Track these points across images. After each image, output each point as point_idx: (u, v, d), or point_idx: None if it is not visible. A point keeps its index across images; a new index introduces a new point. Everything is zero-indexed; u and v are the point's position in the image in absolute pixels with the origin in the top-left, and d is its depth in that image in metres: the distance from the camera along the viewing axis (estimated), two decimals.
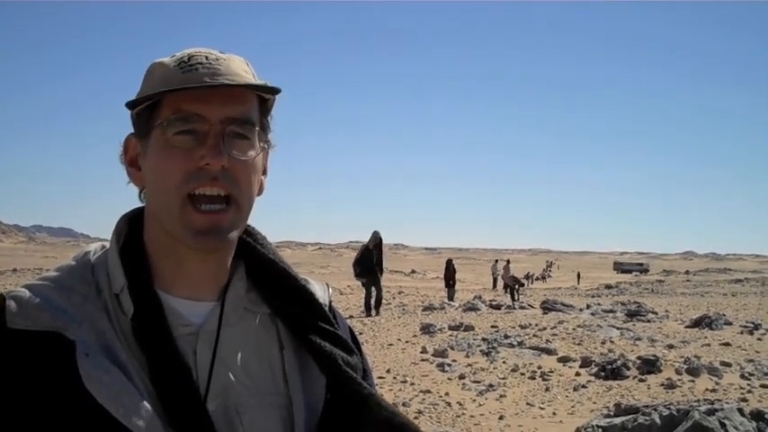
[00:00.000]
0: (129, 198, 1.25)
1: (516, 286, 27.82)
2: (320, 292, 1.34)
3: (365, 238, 18.99)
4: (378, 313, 17.96)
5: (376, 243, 18.51)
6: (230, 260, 1.25)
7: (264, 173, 1.26)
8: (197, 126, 1.13)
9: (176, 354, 1.12)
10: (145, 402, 1.05)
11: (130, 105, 1.18)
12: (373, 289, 18.34)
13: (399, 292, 29.54)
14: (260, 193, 1.25)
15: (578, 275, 75.45)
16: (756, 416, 6.26)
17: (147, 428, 1.03)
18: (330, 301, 1.36)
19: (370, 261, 18.23)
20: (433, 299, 24.66)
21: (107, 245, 1.23)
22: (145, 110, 1.16)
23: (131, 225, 1.24)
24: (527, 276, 60.05)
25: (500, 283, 38.12)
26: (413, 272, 73.44)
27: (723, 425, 5.89)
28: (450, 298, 24.64)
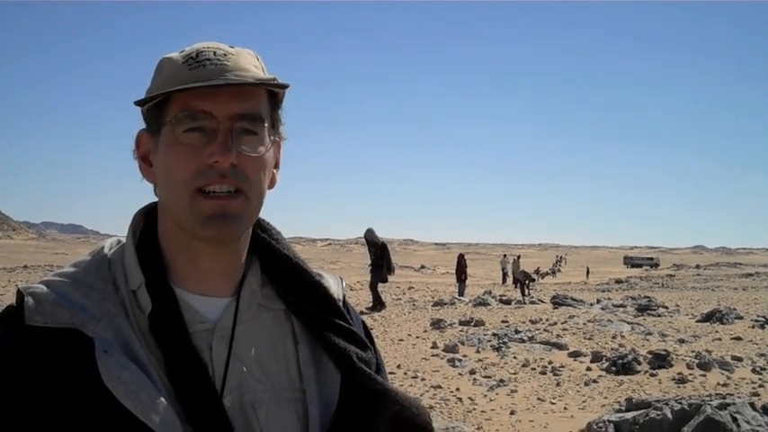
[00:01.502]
0: (139, 194, 1.28)
1: (526, 281, 27.76)
2: (334, 286, 1.34)
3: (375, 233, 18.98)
4: (375, 310, 17.81)
5: (374, 242, 18.51)
6: (244, 255, 1.25)
7: (276, 166, 1.26)
8: (205, 123, 1.13)
9: (192, 350, 1.13)
10: (162, 399, 1.06)
11: (139, 103, 1.19)
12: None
13: (409, 288, 29.51)
14: (272, 186, 1.25)
15: (587, 270, 74.78)
16: None
17: (165, 424, 1.04)
18: (344, 296, 1.36)
19: (372, 258, 18.29)
20: (444, 294, 24.63)
21: (123, 240, 1.24)
22: (154, 107, 1.17)
23: (147, 220, 1.25)
24: (537, 271, 59.77)
25: (510, 278, 38.03)
26: (423, 267, 73.32)
27: (735, 419, 5.87)
28: (461, 293, 24.58)
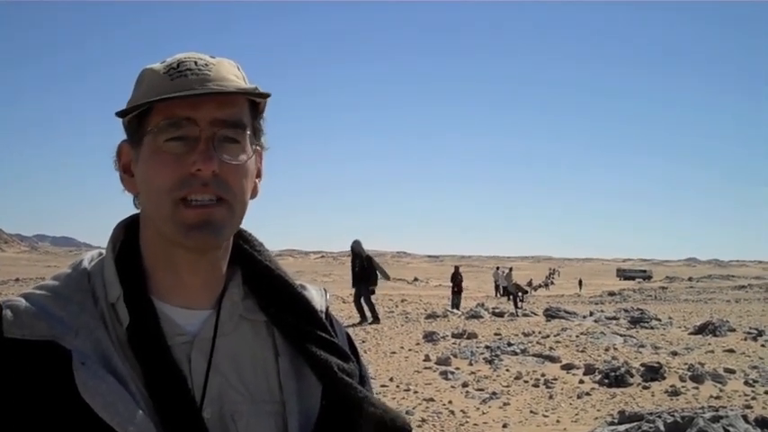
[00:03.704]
0: (132, 207, 1.26)
1: (519, 294, 27.82)
2: (317, 297, 1.34)
3: (367, 246, 18.93)
4: (365, 320, 17.66)
5: (359, 253, 18.44)
6: (225, 266, 1.25)
7: (259, 176, 1.26)
8: (188, 132, 1.13)
9: (171, 362, 1.12)
10: (140, 411, 1.05)
11: (121, 114, 1.19)
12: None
13: (402, 300, 29.48)
14: (254, 196, 1.25)
15: (580, 282, 74.80)
16: (761, 422, 6.25)
17: None
18: (327, 307, 1.35)
19: (357, 270, 18.20)
20: (436, 307, 24.61)
21: (104, 252, 1.23)
22: (135, 117, 1.17)
23: (127, 232, 1.24)
24: (530, 284, 59.91)
25: (501, 290, 38.09)
26: (416, 279, 73.38)
27: (727, 431, 5.87)
28: (456, 306, 24.53)
